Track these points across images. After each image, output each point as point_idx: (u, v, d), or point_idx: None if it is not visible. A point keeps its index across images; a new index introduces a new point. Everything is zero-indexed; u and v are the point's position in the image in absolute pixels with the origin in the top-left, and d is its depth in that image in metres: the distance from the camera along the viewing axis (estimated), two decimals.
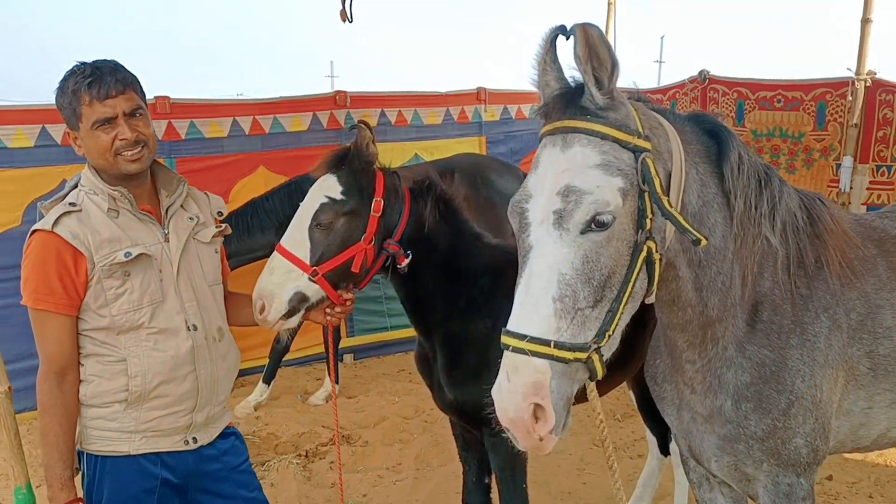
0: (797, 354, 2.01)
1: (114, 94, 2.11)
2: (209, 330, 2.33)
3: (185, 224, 2.34)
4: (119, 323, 2.16)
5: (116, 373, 2.18)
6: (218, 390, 2.37)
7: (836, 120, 5.47)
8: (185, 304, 2.27)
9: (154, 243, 2.24)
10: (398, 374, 6.21)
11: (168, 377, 2.21)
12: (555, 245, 1.56)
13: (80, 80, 2.11)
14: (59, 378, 2.15)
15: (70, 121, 2.17)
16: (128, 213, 2.21)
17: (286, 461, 4.55)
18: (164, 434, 2.25)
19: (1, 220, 5.13)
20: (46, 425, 2.14)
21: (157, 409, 2.22)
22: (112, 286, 2.15)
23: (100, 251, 2.13)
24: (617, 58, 1.56)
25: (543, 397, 1.52)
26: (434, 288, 2.78)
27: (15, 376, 3.12)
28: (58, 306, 2.12)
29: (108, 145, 2.12)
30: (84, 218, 2.15)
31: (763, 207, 1.92)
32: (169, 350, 2.22)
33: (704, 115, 1.95)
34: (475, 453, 3.16)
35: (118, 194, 2.19)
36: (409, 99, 6.74)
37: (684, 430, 2.19)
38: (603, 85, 1.60)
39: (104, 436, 2.21)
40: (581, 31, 1.53)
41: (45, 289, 2.10)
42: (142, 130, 2.16)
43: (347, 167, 2.63)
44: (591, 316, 1.57)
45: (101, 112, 2.10)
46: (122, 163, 2.15)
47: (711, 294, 1.91)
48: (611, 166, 1.58)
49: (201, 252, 2.37)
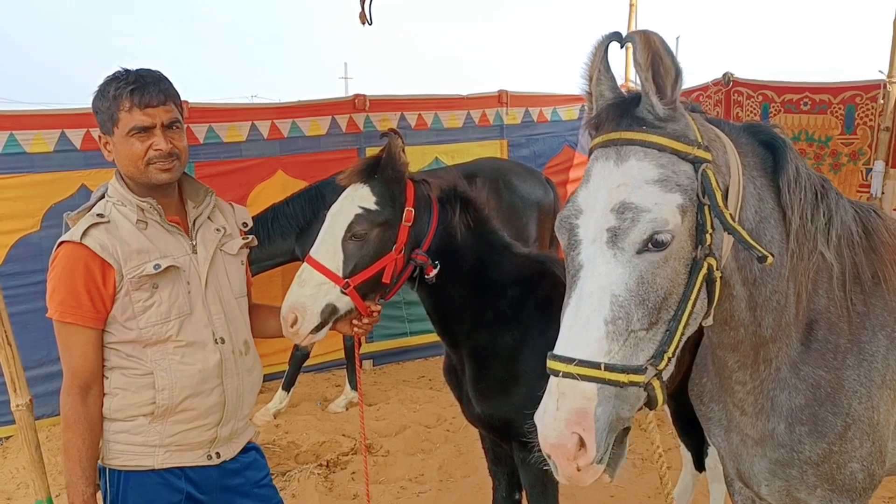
0: (854, 375, 1.92)
1: (155, 104, 2.09)
2: (236, 343, 2.29)
3: (213, 236, 2.31)
4: (146, 336, 2.13)
5: (142, 386, 2.14)
6: (243, 404, 2.33)
7: (866, 123, 5.36)
8: (213, 317, 2.24)
9: (182, 255, 2.20)
10: (419, 381, 6.14)
11: (195, 391, 2.18)
12: (608, 265, 1.48)
13: (122, 86, 2.09)
14: (84, 392, 2.11)
15: (105, 125, 2.14)
16: (156, 225, 2.19)
17: (307, 471, 4.49)
18: (188, 448, 2.21)
19: (20, 226, 5.12)
20: (69, 440, 2.10)
21: (183, 423, 2.18)
22: (140, 298, 2.11)
23: (128, 263, 2.10)
24: (681, 66, 1.48)
25: (586, 428, 1.43)
26: (461, 299, 2.73)
27: (32, 383, 3.09)
28: (84, 319, 2.08)
29: (142, 154, 2.10)
30: (112, 229, 2.12)
31: (819, 222, 1.83)
32: (196, 363, 2.18)
33: (760, 125, 1.86)
34: (505, 467, 3.11)
35: (147, 205, 2.16)
36: (430, 102, 6.68)
37: (733, 452, 2.10)
38: (665, 94, 1.52)
39: (127, 450, 2.17)
40: (642, 38, 1.45)
41: (72, 301, 2.07)
42: (177, 143, 2.15)
43: (380, 176, 2.57)
44: (645, 338, 1.49)
45: (140, 120, 2.08)
46: (152, 172, 2.12)
47: (766, 313, 1.83)
48: (669, 181, 1.50)
49: (228, 264, 2.34)
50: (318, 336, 2.50)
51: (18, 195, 5.08)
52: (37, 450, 2.84)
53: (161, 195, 2.20)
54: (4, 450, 5.04)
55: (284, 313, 2.45)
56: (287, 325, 2.44)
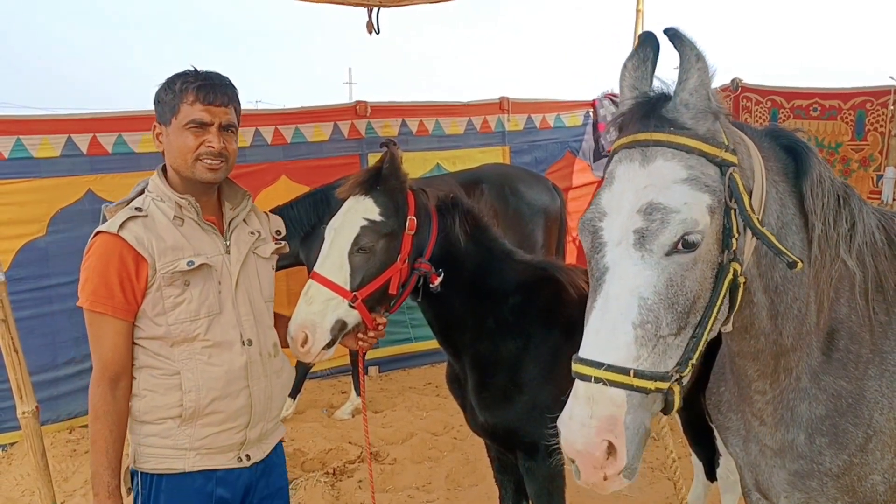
0: (876, 385, 1.88)
1: (218, 104, 2.15)
2: (264, 345, 2.29)
3: (247, 238, 2.32)
4: (175, 333, 2.13)
5: (170, 387, 2.15)
6: (272, 406, 2.33)
7: (877, 129, 5.33)
8: (242, 318, 2.24)
9: (215, 254, 2.22)
10: (425, 388, 6.11)
11: (222, 393, 2.18)
12: (635, 267, 1.45)
13: (190, 81, 2.15)
14: (113, 384, 2.11)
15: (163, 115, 2.18)
16: (192, 223, 2.20)
17: (314, 479, 4.46)
18: (218, 451, 2.21)
19: (26, 231, 5.11)
20: (97, 431, 2.10)
21: (211, 426, 2.18)
22: (171, 294, 2.12)
23: (162, 258, 2.11)
24: (713, 67, 1.46)
25: (618, 435, 1.40)
26: (462, 308, 2.71)
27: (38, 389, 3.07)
28: (115, 310, 2.09)
29: (193, 148, 2.14)
30: (149, 224, 2.14)
31: (842, 228, 1.80)
32: (223, 364, 2.18)
33: (782, 130, 1.83)
34: (511, 476, 3.09)
35: (185, 202, 2.18)
36: (431, 109, 6.71)
37: (751, 463, 2.06)
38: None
39: (159, 453, 2.17)
40: (674, 37, 1.42)
41: (104, 291, 2.07)
42: (228, 146, 2.20)
43: (383, 187, 2.56)
44: (673, 344, 1.46)
45: (200, 115, 2.13)
46: (199, 168, 2.16)
47: (787, 321, 1.79)
48: (698, 181, 1.47)
49: (260, 267, 2.35)
50: (328, 353, 2.48)
51: (25, 200, 5.07)
52: (42, 457, 2.82)
53: (201, 194, 2.22)
54: (9, 456, 5.01)
55: (294, 333, 2.43)
56: (297, 345, 2.42)
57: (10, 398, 2.87)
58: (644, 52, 1.62)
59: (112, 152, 5.31)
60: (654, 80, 1.62)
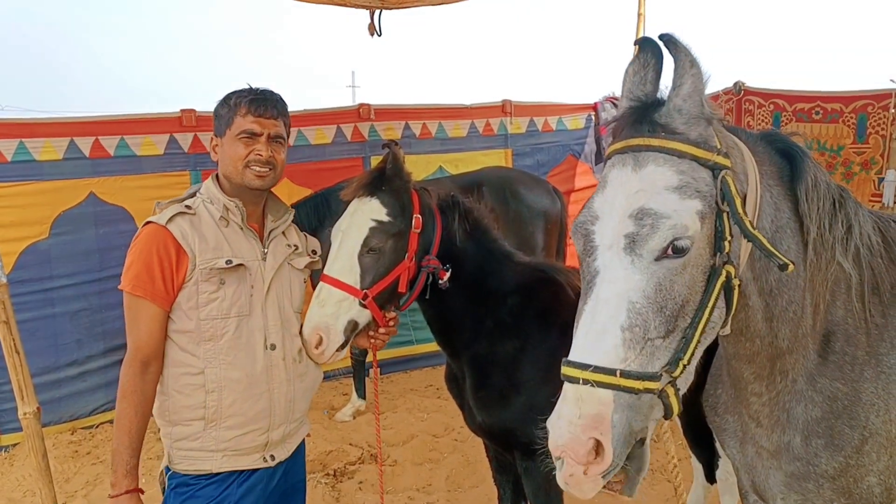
0: (872, 388, 1.88)
1: (268, 116, 2.30)
2: (288, 351, 2.38)
3: (283, 249, 2.45)
4: (204, 328, 2.23)
5: (196, 387, 2.23)
6: (294, 409, 2.42)
7: (878, 132, 5.33)
8: (269, 322, 2.33)
9: (253, 259, 2.33)
10: (426, 390, 6.10)
11: (242, 395, 2.26)
12: (625, 271, 1.46)
13: (244, 96, 2.31)
14: (144, 367, 2.20)
15: (219, 127, 2.34)
16: (236, 226, 2.33)
17: (314, 480, 4.46)
18: (243, 453, 2.30)
19: (28, 233, 5.13)
20: (123, 410, 2.19)
21: (235, 429, 2.27)
22: (206, 290, 2.23)
23: (203, 255, 2.23)
24: (706, 73, 1.47)
25: (603, 432, 1.42)
26: (461, 308, 2.73)
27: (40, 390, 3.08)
28: (154, 296, 2.19)
29: (244, 155, 2.28)
30: (196, 222, 2.27)
31: (837, 231, 1.80)
32: (245, 367, 2.27)
33: (777, 133, 1.83)
34: (510, 476, 3.10)
35: (233, 205, 2.32)
36: (434, 112, 6.70)
37: (747, 464, 2.07)
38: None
39: (189, 455, 2.27)
40: (667, 43, 1.43)
41: (146, 277, 2.19)
42: (276, 155, 2.33)
43: (388, 187, 2.59)
44: (661, 346, 1.47)
45: (251, 126, 2.28)
46: (248, 175, 2.29)
47: (782, 324, 1.80)
48: (689, 188, 1.48)
49: (293, 277, 2.46)
50: (341, 355, 2.52)
51: (27, 202, 5.09)
52: (43, 458, 2.83)
53: (248, 202, 2.35)
54: (11, 457, 5.03)
55: (308, 335, 2.44)
56: (312, 347, 2.44)
57: (12, 400, 2.89)
58: (644, 57, 1.63)
59: (114, 155, 5.33)
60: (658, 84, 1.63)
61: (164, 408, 2.28)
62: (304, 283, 2.53)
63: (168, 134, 5.51)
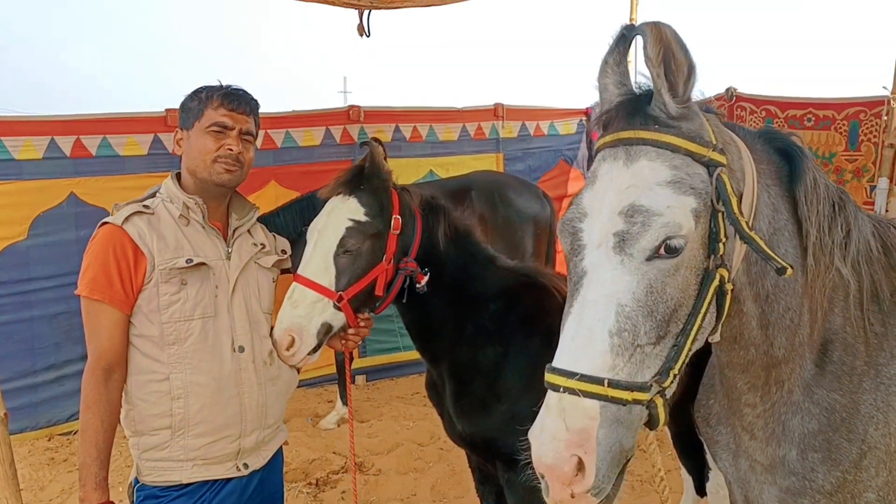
0: (871, 399, 1.81)
1: (241, 111, 2.26)
2: (258, 353, 2.30)
3: (249, 248, 2.38)
4: (168, 332, 2.15)
5: (161, 395, 2.15)
6: (267, 414, 2.33)
7: (871, 140, 5.29)
8: (236, 324, 2.25)
9: (216, 258, 2.26)
10: (412, 398, 6.02)
11: (210, 401, 2.18)
12: (614, 272, 1.38)
13: (216, 90, 2.27)
14: (107, 374, 2.12)
15: (186, 120, 2.27)
16: (197, 225, 2.26)
17: (296, 489, 4.38)
18: (214, 461, 2.22)
19: (7, 234, 5.04)
20: (88, 421, 2.10)
21: (204, 437, 2.19)
22: (167, 292, 2.15)
23: (162, 255, 2.16)
24: (695, 61, 1.38)
25: (588, 451, 1.33)
26: (441, 312, 2.65)
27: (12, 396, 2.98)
28: (113, 300, 2.12)
29: (213, 149, 2.22)
30: (154, 222, 2.20)
31: (837, 236, 1.73)
32: (212, 371, 2.19)
33: (776, 132, 1.76)
34: (492, 486, 3.02)
35: (192, 203, 2.24)
36: (425, 114, 6.64)
37: (741, 478, 1.99)
38: (677, 91, 1.42)
39: (157, 466, 2.19)
40: (653, 29, 1.35)
41: (103, 280, 2.11)
42: (245, 153, 2.28)
43: (367, 186, 2.51)
44: (651, 353, 1.38)
45: (223, 119, 2.23)
46: (216, 169, 2.22)
47: (778, 332, 1.72)
48: (683, 184, 1.40)
49: (260, 277, 2.39)
50: (313, 358, 2.43)
51: (6, 202, 5.00)
52: (10, 466, 2.73)
53: (211, 199, 2.28)
54: None
55: (279, 336, 2.36)
56: (283, 349, 2.36)
57: None
58: (625, 46, 1.54)
59: (96, 155, 5.24)
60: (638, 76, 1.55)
61: (129, 417, 2.19)
62: (274, 282, 2.44)
63: (153, 134, 5.41)
